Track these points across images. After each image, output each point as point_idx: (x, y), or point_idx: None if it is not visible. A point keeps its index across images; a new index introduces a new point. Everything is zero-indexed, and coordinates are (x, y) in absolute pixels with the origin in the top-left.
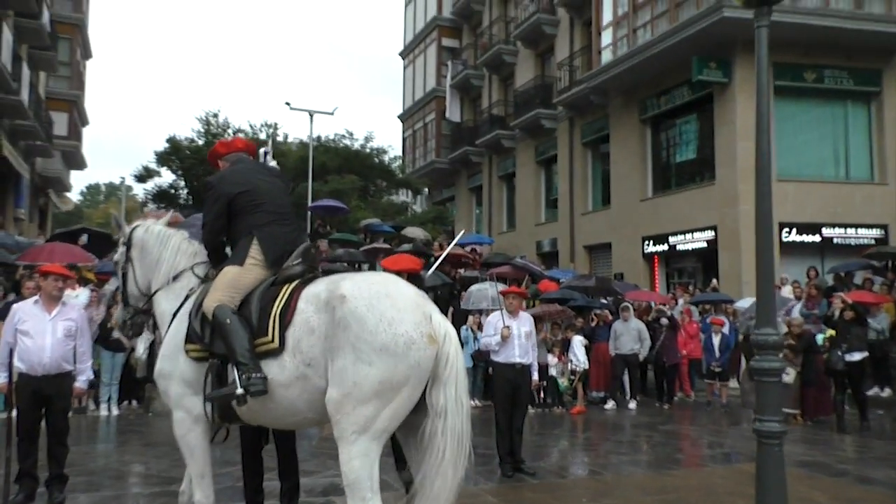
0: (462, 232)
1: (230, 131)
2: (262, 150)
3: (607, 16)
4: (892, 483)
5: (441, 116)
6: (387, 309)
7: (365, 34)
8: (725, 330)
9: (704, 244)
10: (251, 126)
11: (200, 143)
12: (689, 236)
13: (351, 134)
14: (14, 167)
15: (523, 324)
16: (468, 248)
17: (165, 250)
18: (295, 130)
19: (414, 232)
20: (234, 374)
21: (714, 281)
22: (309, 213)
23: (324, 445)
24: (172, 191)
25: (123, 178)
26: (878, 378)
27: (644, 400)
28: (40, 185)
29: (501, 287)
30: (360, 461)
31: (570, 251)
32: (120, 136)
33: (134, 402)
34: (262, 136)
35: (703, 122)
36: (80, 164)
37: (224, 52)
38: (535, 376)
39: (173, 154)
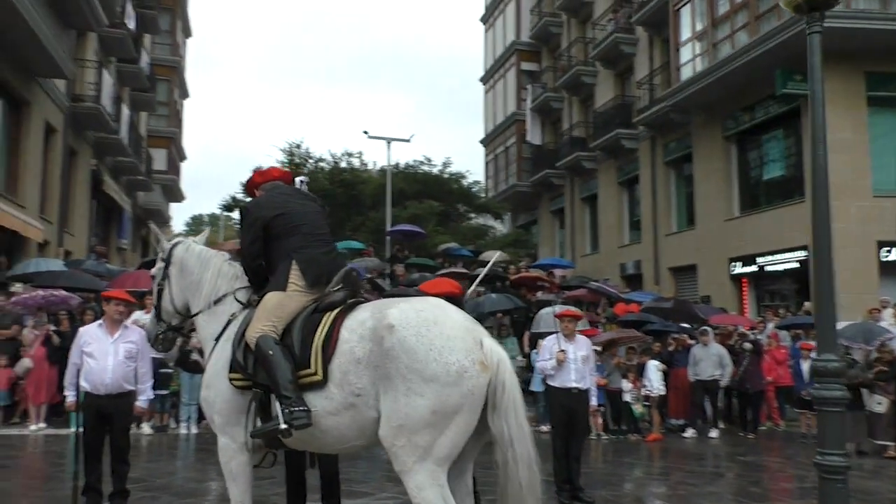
0: (496, 254)
1: (311, 161)
2: (298, 179)
3: (686, 31)
4: None
5: (522, 140)
6: (436, 337)
7: (446, 62)
8: (814, 355)
9: (797, 264)
10: (332, 155)
11: None
12: (778, 257)
13: (429, 160)
14: (117, 201)
15: (580, 347)
16: (546, 272)
17: (206, 272)
18: (375, 158)
19: (490, 255)
20: (277, 407)
21: (806, 304)
22: (388, 237)
23: (382, 467)
24: None
25: (221, 206)
26: None
27: (728, 429)
28: (142, 217)
29: (571, 308)
30: (429, 490)
31: (654, 273)
32: (216, 168)
33: None
34: (343, 164)
35: (790, 136)
36: (178, 196)
37: (308, 85)
38: (594, 402)
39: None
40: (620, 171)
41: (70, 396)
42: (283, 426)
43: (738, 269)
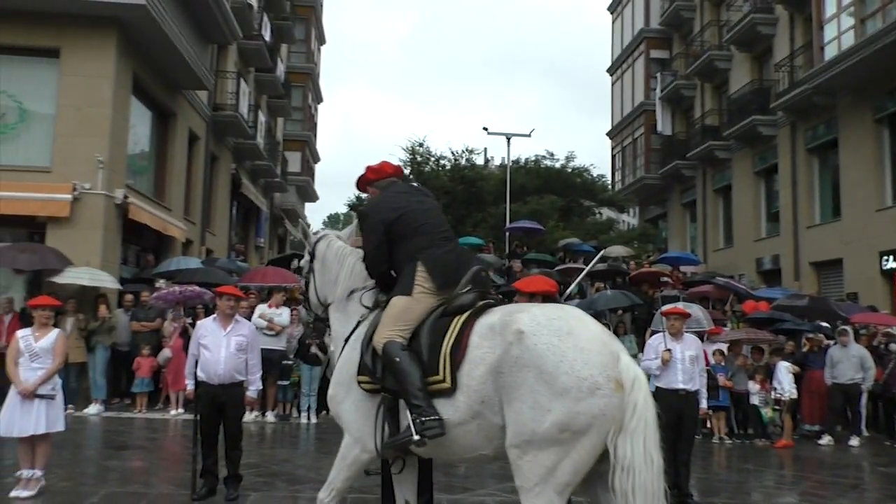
0: (615, 249)
1: (433, 159)
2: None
3: (830, 7)
4: None
5: (650, 131)
6: (569, 348)
7: (574, 53)
8: None
9: None
10: (453, 152)
11: (407, 171)
12: None
13: (552, 154)
14: (254, 202)
15: (688, 347)
16: (673, 267)
17: (342, 269)
18: (497, 154)
19: (615, 251)
20: (407, 417)
21: None
22: (507, 233)
23: (487, 466)
24: None
25: (348, 205)
26: None
27: (873, 437)
28: (278, 217)
29: (678, 306)
30: None
31: (793, 268)
32: (349, 168)
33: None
34: (463, 161)
35: None
36: (312, 196)
37: (436, 84)
38: (704, 404)
39: None
40: (757, 160)
41: (189, 385)
42: (416, 437)
43: (891, 263)
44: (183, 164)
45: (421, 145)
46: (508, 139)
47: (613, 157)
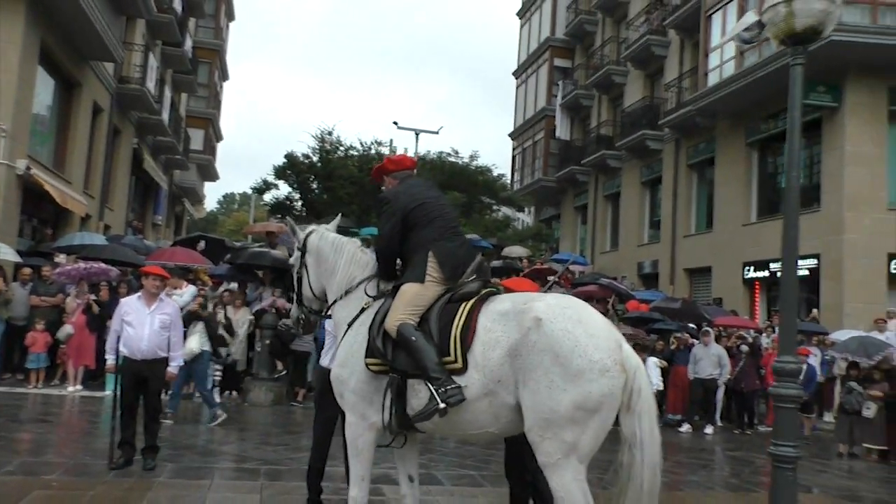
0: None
1: (342, 149)
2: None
3: (715, 38)
4: None
5: (550, 135)
6: (581, 334)
7: (486, 52)
8: (812, 361)
9: (807, 272)
10: (361, 143)
11: (315, 158)
12: None
13: (456, 152)
14: (154, 179)
15: None
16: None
17: (340, 258)
18: (404, 146)
19: (514, 251)
20: (429, 388)
21: (814, 311)
22: None
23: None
24: (288, 202)
25: (252, 188)
26: None
27: (726, 426)
28: (177, 195)
29: None
30: (574, 485)
31: (670, 273)
32: (250, 148)
33: (234, 393)
34: (373, 150)
35: (810, 146)
36: (213, 176)
37: (344, 71)
38: None
39: (290, 168)
40: (644, 171)
41: (110, 360)
42: (442, 405)
43: (752, 273)
44: (86, 136)
45: (330, 133)
46: (417, 135)
47: (514, 157)
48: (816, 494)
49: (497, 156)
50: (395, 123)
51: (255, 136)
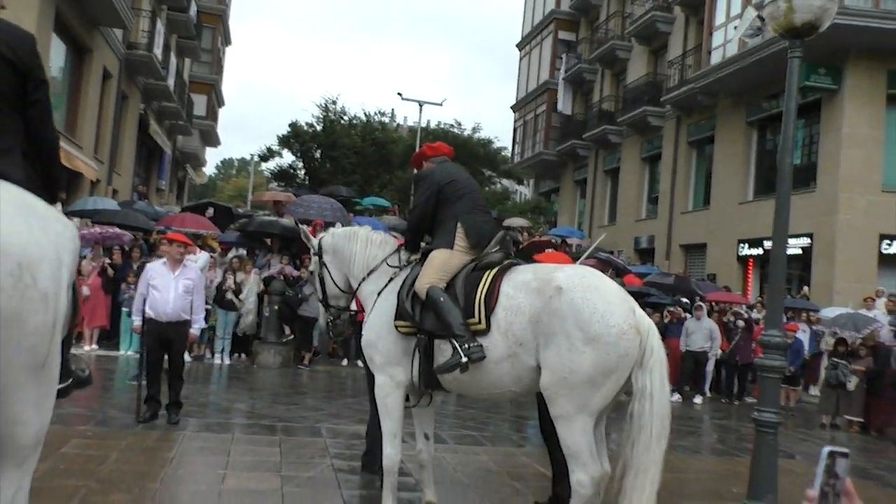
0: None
1: (346, 118)
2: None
3: (720, 16)
4: None
5: (552, 109)
6: (599, 301)
7: (490, 22)
8: (800, 336)
9: (799, 251)
10: (366, 114)
11: (319, 128)
12: (786, 241)
13: (459, 124)
14: (159, 144)
15: None
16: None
17: (356, 244)
18: (406, 116)
19: (515, 222)
20: (453, 345)
21: (805, 288)
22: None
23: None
24: (291, 171)
25: (253, 155)
26: None
27: (715, 397)
28: (180, 160)
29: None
30: (580, 435)
31: (666, 249)
32: (250, 114)
33: (243, 355)
34: (375, 120)
35: (809, 128)
36: (214, 141)
37: (347, 38)
38: None
39: (294, 137)
40: (644, 147)
41: (136, 321)
42: (464, 359)
43: (746, 250)
44: (96, 101)
45: (334, 103)
46: (421, 106)
47: (515, 129)
48: (798, 461)
49: (499, 128)
50: (400, 94)
51: (256, 100)
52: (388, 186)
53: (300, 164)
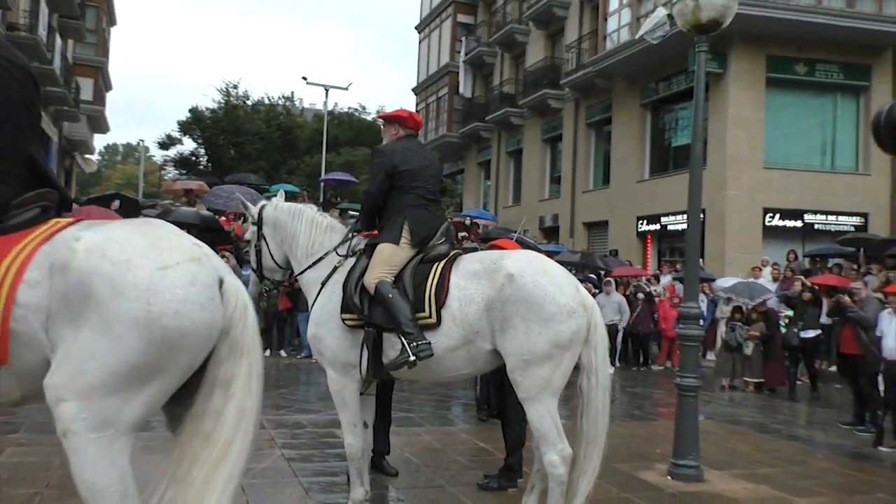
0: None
1: (249, 102)
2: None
3: (614, 3)
4: (810, 439)
5: (454, 91)
6: (548, 284)
7: (387, 7)
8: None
9: None
10: (268, 98)
11: (220, 113)
12: (680, 217)
13: (364, 108)
14: (45, 132)
15: None
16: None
17: (301, 222)
18: (311, 101)
19: None
20: (402, 342)
21: (700, 260)
22: (322, 184)
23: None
24: (193, 158)
25: (142, 140)
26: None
27: (624, 367)
28: (67, 148)
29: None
30: (548, 416)
31: (570, 227)
32: (137, 97)
33: None
34: (280, 105)
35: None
36: (103, 127)
37: (243, 21)
38: None
39: (195, 123)
40: (545, 128)
41: None
42: (412, 358)
43: (645, 226)
44: None
45: (235, 87)
46: (327, 91)
47: (417, 112)
48: (703, 420)
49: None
50: (305, 79)
51: (145, 83)
52: (295, 172)
53: (202, 151)
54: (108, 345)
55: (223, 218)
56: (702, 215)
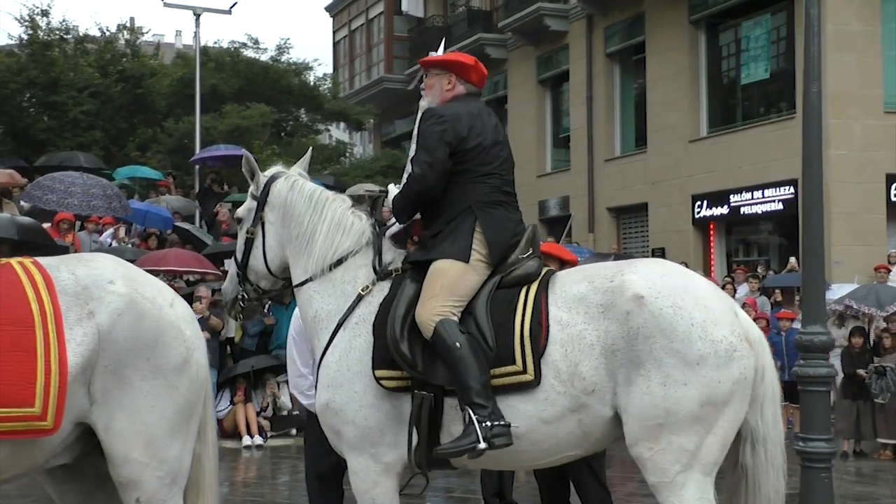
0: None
1: (71, 38)
2: None
3: None
4: None
5: (393, 11)
6: (693, 308)
7: None
8: (797, 326)
9: (780, 206)
10: (101, 29)
11: (23, 57)
12: (758, 195)
13: (256, 42)
14: None
15: None
16: None
17: (321, 221)
18: (171, 36)
19: (360, 189)
20: (468, 417)
21: (792, 259)
22: (196, 166)
23: None
24: None
25: None
26: None
27: None
28: None
29: None
30: None
31: (588, 216)
32: None
33: None
34: (121, 41)
35: (779, 22)
36: None
37: None
38: None
39: None
40: (543, 64)
41: None
42: (483, 445)
43: (705, 210)
44: None
45: (45, 13)
46: (197, 17)
47: (336, 44)
48: None
49: (317, 47)
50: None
51: None
52: (151, 148)
53: None
54: None
55: (50, 225)
56: (792, 190)
